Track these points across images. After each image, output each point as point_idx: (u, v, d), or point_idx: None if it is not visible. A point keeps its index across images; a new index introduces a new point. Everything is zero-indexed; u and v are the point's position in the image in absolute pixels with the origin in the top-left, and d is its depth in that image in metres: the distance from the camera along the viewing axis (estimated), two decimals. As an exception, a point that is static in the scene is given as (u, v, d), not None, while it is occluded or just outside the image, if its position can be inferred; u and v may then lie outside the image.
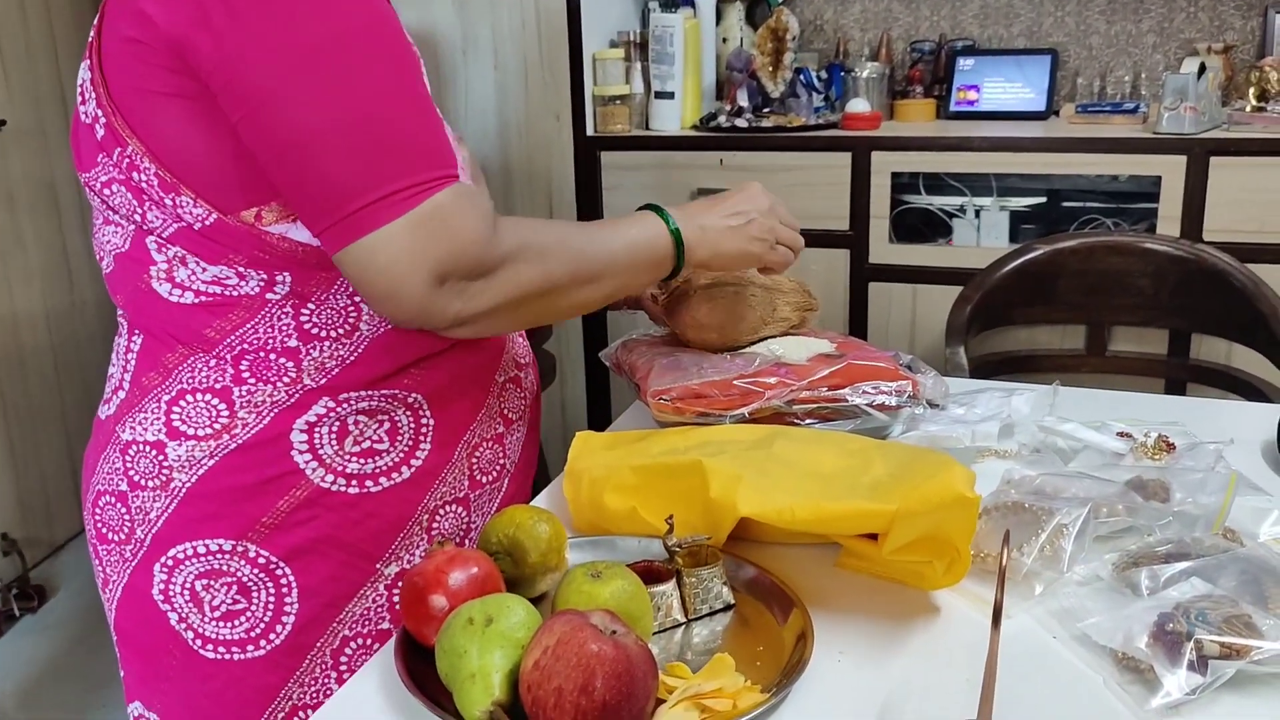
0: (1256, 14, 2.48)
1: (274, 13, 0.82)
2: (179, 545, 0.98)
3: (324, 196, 0.85)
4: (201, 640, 0.99)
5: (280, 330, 0.95)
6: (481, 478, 1.08)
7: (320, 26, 0.83)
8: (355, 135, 0.84)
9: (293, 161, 0.84)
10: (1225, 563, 0.88)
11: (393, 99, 0.86)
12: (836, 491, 0.89)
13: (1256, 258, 2.08)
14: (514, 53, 2.51)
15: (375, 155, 0.84)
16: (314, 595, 0.99)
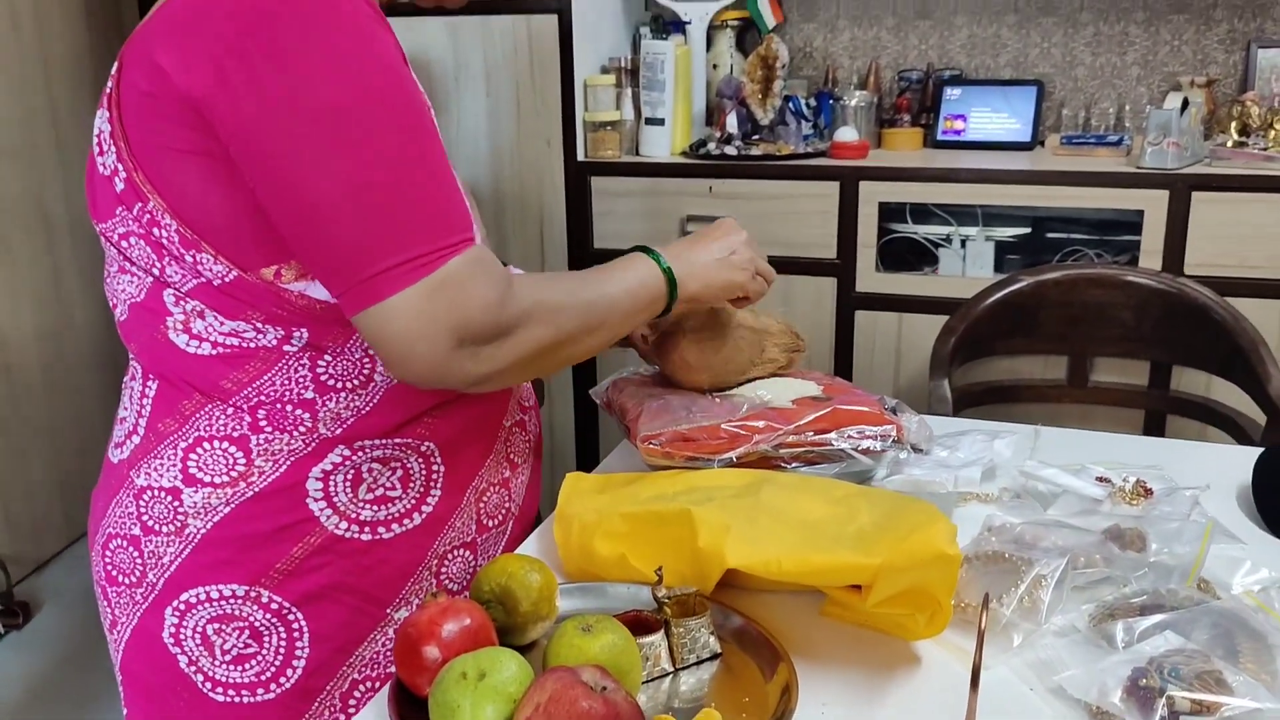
0: (1239, 48, 2.52)
1: (292, 76, 0.83)
2: (192, 590, 0.99)
3: (341, 261, 0.86)
4: (211, 683, 1.01)
5: (297, 382, 0.97)
6: (488, 521, 1.10)
7: (337, 90, 0.84)
8: (372, 201, 0.85)
9: (310, 225, 0.86)
10: (1198, 616, 0.90)
11: (409, 164, 0.87)
12: (822, 542, 0.91)
13: (1236, 292, 2.11)
14: (506, 78, 2.54)
15: (392, 221, 0.85)
16: (325, 640, 1.01)
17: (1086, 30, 2.61)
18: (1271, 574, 1.00)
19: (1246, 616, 0.90)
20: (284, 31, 0.84)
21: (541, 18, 2.46)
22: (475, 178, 2.59)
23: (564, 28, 2.46)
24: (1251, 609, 0.91)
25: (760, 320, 1.29)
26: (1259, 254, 2.14)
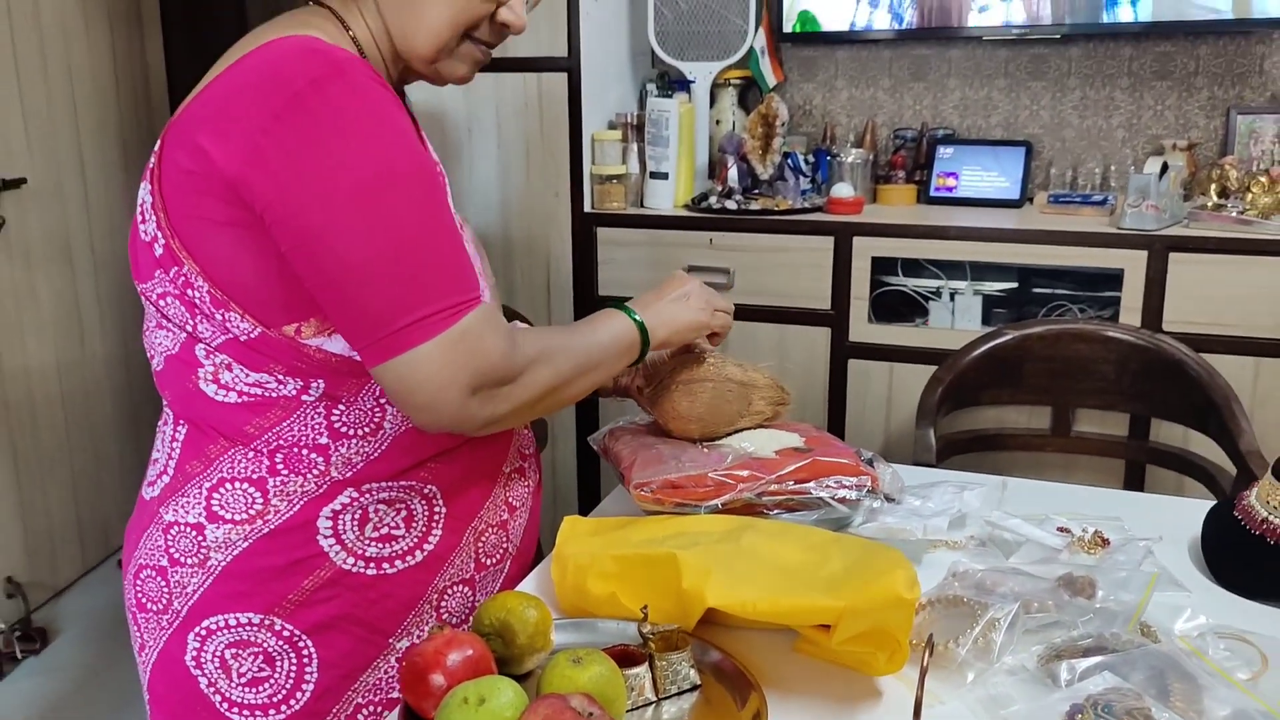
0: (1220, 114, 2.62)
1: (324, 155, 0.94)
2: (212, 617, 1.09)
3: (366, 319, 0.97)
4: (228, 704, 1.10)
5: (313, 429, 1.07)
6: (486, 560, 1.19)
7: (364, 169, 0.95)
8: (395, 266, 0.96)
9: (338, 288, 0.97)
10: (1136, 658, 0.99)
11: (427, 233, 0.98)
12: (795, 585, 1.00)
13: (1211, 348, 2.20)
14: (517, 132, 2.65)
15: (412, 283, 0.96)
16: (332, 666, 1.10)
17: (1074, 94, 2.72)
18: (1209, 621, 1.09)
19: (1180, 660, 0.99)
20: (312, 116, 0.94)
21: (552, 75, 2.57)
22: (486, 226, 2.70)
23: (573, 85, 2.58)
24: (1185, 653, 1.00)
25: (748, 374, 1.38)
26: (1233, 313, 2.24)
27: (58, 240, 2.93)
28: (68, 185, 2.97)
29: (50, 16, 2.87)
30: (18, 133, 2.76)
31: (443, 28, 1.07)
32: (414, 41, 1.08)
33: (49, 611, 2.88)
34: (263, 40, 1.00)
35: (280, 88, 0.95)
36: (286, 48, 0.98)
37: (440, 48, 1.09)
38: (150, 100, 3.33)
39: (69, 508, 3.01)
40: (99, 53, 3.08)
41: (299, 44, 0.98)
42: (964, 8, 2.63)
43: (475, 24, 1.09)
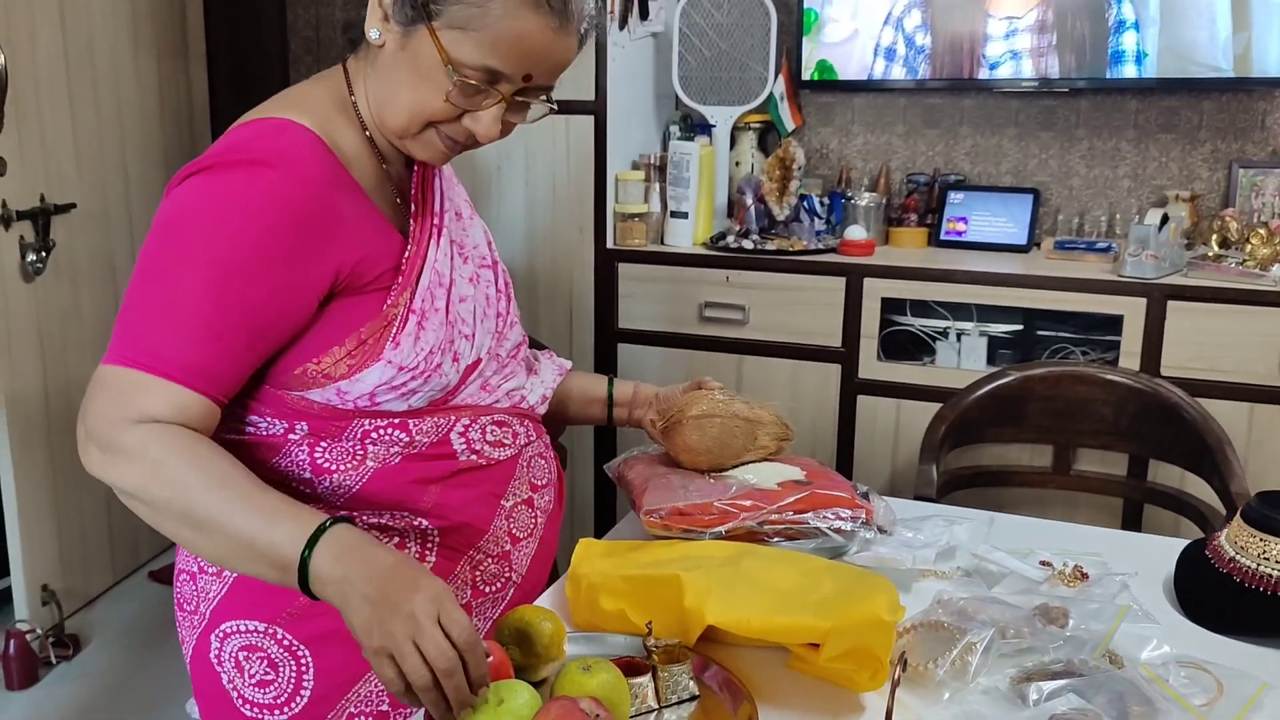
0: (1222, 166, 2.72)
1: (176, 217, 1.09)
2: (228, 621, 1.20)
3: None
4: (242, 700, 1.21)
5: (298, 465, 1.18)
6: (485, 588, 1.27)
7: (168, 220, 1.09)
8: (127, 303, 1.07)
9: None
10: (1101, 682, 1.08)
11: (156, 296, 1.06)
12: (788, 606, 1.10)
13: (1207, 393, 2.28)
14: (544, 170, 2.77)
15: (122, 320, 1.07)
16: (327, 676, 1.19)
17: (1082, 144, 2.82)
18: (1173, 651, 1.17)
19: (1141, 685, 1.08)
20: (193, 180, 1.09)
21: (579, 118, 2.69)
22: (512, 259, 2.81)
23: (599, 127, 2.69)
24: (1146, 680, 1.09)
25: (754, 411, 1.47)
26: (1228, 359, 2.32)
27: (102, 261, 3.06)
28: (113, 209, 3.10)
29: (103, 49, 3.01)
30: (69, 161, 2.89)
31: (405, 111, 1.14)
32: (384, 113, 1.17)
33: (81, 619, 2.98)
34: (256, 115, 1.15)
35: (198, 162, 1.10)
36: (245, 132, 1.13)
37: (402, 130, 1.16)
38: (193, 128, 3.46)
39: (101, 521, 3.11)
40: (146, 83, 3.22)
41: (258, 131, 1.12)
42: (977, 60, 2.74)
43: (439, 120, 1.15)
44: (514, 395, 1.33)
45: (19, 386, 2.72)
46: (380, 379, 1.15)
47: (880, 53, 2.82)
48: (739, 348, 2.69)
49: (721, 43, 2.82)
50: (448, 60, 1.10)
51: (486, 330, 1.29)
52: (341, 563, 0.97)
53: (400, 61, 1.13)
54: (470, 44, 1.09)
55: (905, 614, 1.13)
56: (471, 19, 1.09)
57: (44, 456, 2.85)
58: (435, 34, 1.09)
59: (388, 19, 1.12)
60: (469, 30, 1.09)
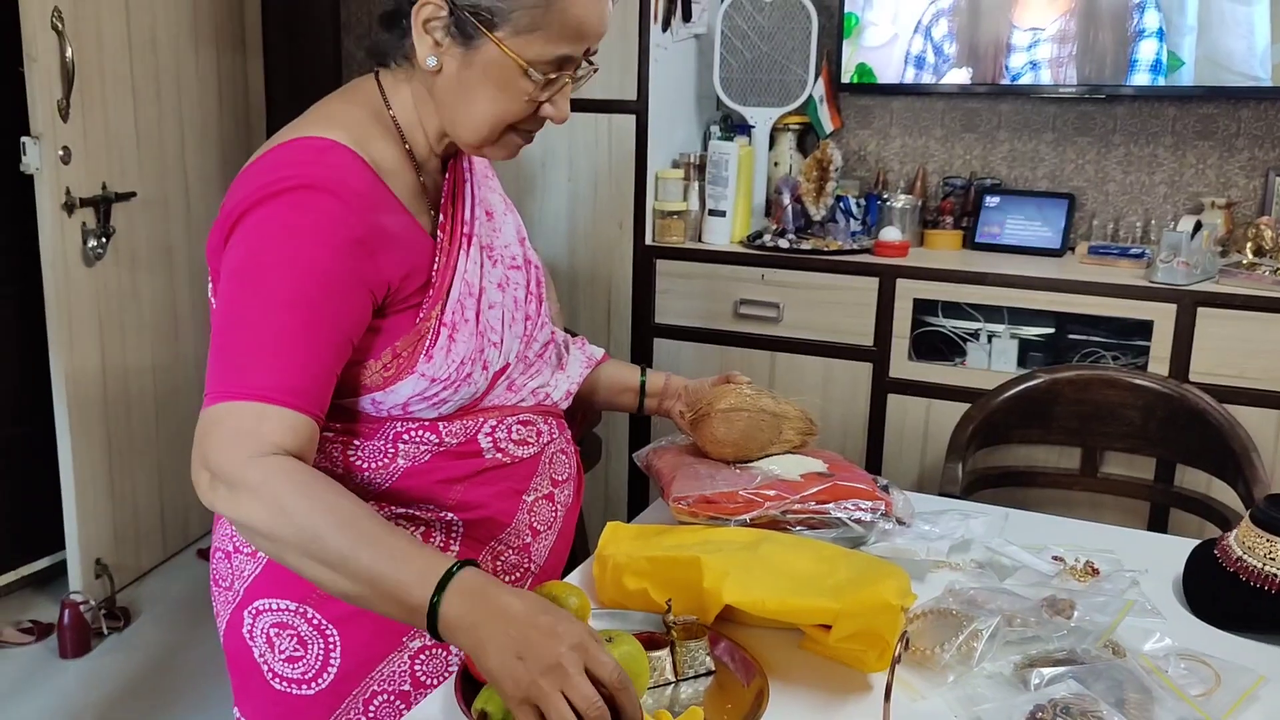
0: (1259, 174, 2.73)
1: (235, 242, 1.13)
2: (261, 599, 1.26)
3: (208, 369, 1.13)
4: (273, 674, 1.26)
5: (332, 461, 1.24)
6: (504, 577, 1.32)
7: (246, 259, 1.11)
8: (219, 341, 1.11)
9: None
10: (1101, 670, 1.13)
11: (256, 329, 1.09)
12: (803, 589, 1.16)
13: (1234, 399, 2.31)
14: (587, 167, 2.84)
15: (220, 359, 1.10)
16: (353, 654, 1.25)
17: (1118, 150, 2.84)
18: (1174, 644, 1.21)
19: (1140, 675, 1.12)
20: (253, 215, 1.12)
21: (622, 117, 2.76)
22: (554, 253, 2.88)
23: (640, 126, 2.76)
24: (1146, 670, 1.14)
25: (780, 406, 1.53)
26: (1256, 367, 2.34)
27: (160, 248, 3.17)
28: (172, 198, 3.21)
29: (165, 42, 3.12)
30: (131, 151, 3.00)
31: (483, 125, 1.18)
32: (459, 129, 1.20)
33: (132, 593, 3.09)
34: (293, 134, 1.17)
35: (256, 191, 1.12)
36: (286, 156, 1.14)
37: (484, 140, 1.19)
38: (249, 118, 3.57)
39: (154, 498, 3.22)
40: (206, 74, 3.33)
41: (298, 154, 1.14)
42: (1015, 65, 2.77)
43: (519, 120, 1.19)
44: (539, 393, 1.36)
45: (78, 366, 2.83)
46: (414, 390, 1.20)
47: (918, 58, 2.85)
48: (772, 345, 2.75)
49: (763, 45, 2.87)
50: (525, 64, 1.13)
51: (514, 335, 1.32)
52: (470, 608, 0.96)
53: (469, 79, 1.16)
54: (541, 41, 1.13)
55: (917, 601, 1.19)
56: (536, 19, 1.12)
57: (100, 434, 2.96)
58: (503, 45, 1.13)
59: (440, 44, 1.15)
60: (536, 30, 1.13)
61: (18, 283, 3.01)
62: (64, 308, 2.77)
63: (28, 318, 2.99)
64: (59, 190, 2.71)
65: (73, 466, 2.85)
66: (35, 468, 3.08)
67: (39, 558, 3.17)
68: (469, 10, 1.12)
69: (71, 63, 2.67)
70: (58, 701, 2.61)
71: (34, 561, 3.16)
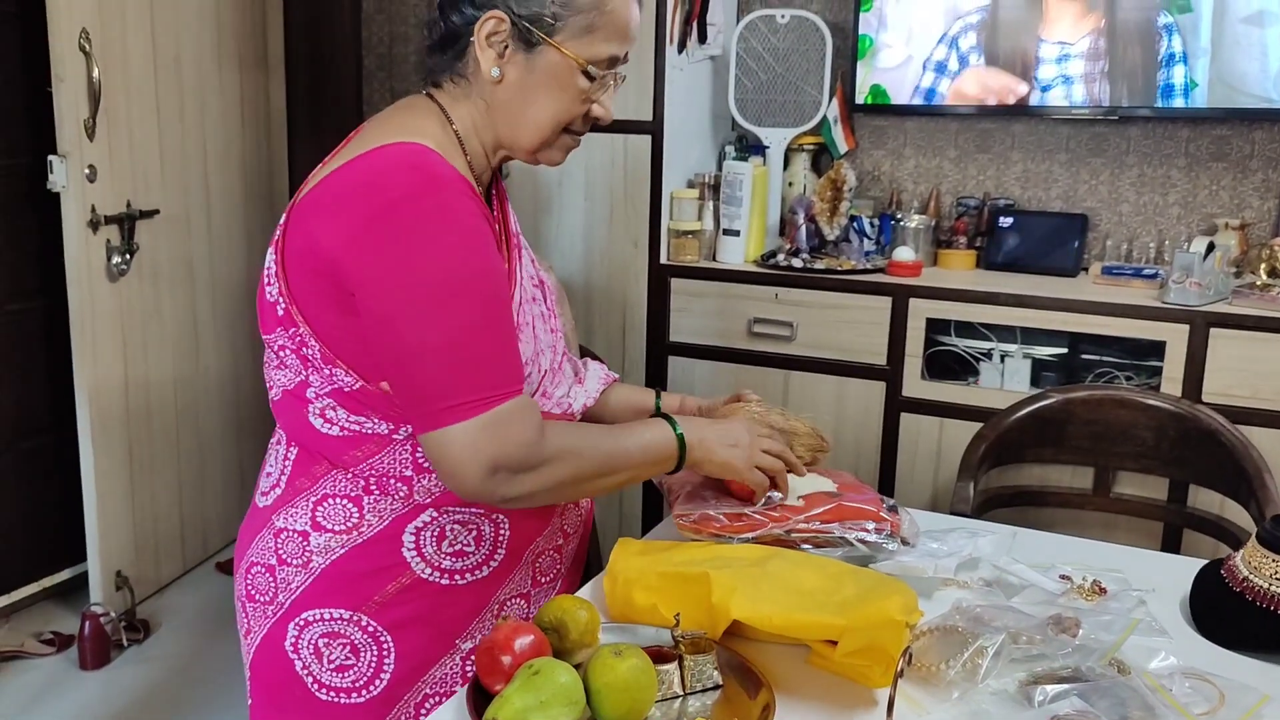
0: (1273, 196, 2.73)
1: (405, 257, 1.14)
2: (310, 610, 1.28)
3: (416, 396, 1.16)
4: (318, 685, 1.29)
5: (399, 463, 1.27)
6: (541, 579, 1.38)
7: (436, 273, 1.14)
8: (445, 356, 1.14)
9: (400, 366, 1.16)
10: (1105, 688, 1.14)
11: (480, 331, 1.16)
12: (809, 605, 1.17)
13: (1248, 420, 2.31)
14: (603, 186, 2.87)
15: (457, 372, 1.14)
16: (407, 659, 1.29)
17: (1132, 171, 2.86)
18: (1179, 663, 1.23)
19: (1144, 693, 1.13)
20: (402, 224, 1.15)
21: (638, 137, 2.79)
22: (570, 271, 2.91)
23: (656, 146, 2.79)
24: (1149, 688, 1.15)
25: (789, 422, 1.55)
26: (1269, 388, 2.34)
27: (182, 264, 3.21)
28: (194, 214, 3.25)
29: (189, 61, 3.17)
30: (155, 168, 3.05)
31: (546, 125, 1.27)
32: (519, 135, 1.29)
33: (152, 605, 3.12)
34: (378, 141, 1.21)
35: (381, 194, 1.16)
36: (394, 157, 1.18)
37: (543, 142, 1.29)
38: (270, 136, 3.62)
39: (174, 511, 3.26)
40: (229, 93, 3.38)
41: (405, 155, 1.18)
42: (1029, 86, 2.78)
43: (573, 120, 1.29)
44: (563, 403, 1.42)
45: (101, 380, 2.87)
46: None
47: (933, 78, 2.88)
48: (786, 363, 2.76)
49: (777, 66, 2.90)
50: (584, 64, 1.25)
51: (546, 344, 1.39)
52: (697, 433, 1.34)
53: (533, 83, 1.26)
54: (598, 42, 1.25)
55: (924, 618, 1.20)
56: (593, 22, 1.24)
57: (122, 448, 2.99)
58: (563, 48, 1.24)
59: (503, 56, 1.25)
60: (593, 31, 1.24)
61: (44, 297, 3.06)
62: (88, 322, 2.81)
63: (53, 331, 3.04)
64: (84, 207, 2.75)
65: (94, 479, 2.89)
66: (58, 480, 3.12)
67: (60, 570, 3.20)
68: (531, 20, 1.23)
69: (98, 83, 2.72)
70: (77, 713, 2.64)
71: (56, 573, 3.19)
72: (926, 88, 2.89)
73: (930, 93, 2.89)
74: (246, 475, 3.58)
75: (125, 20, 2.87)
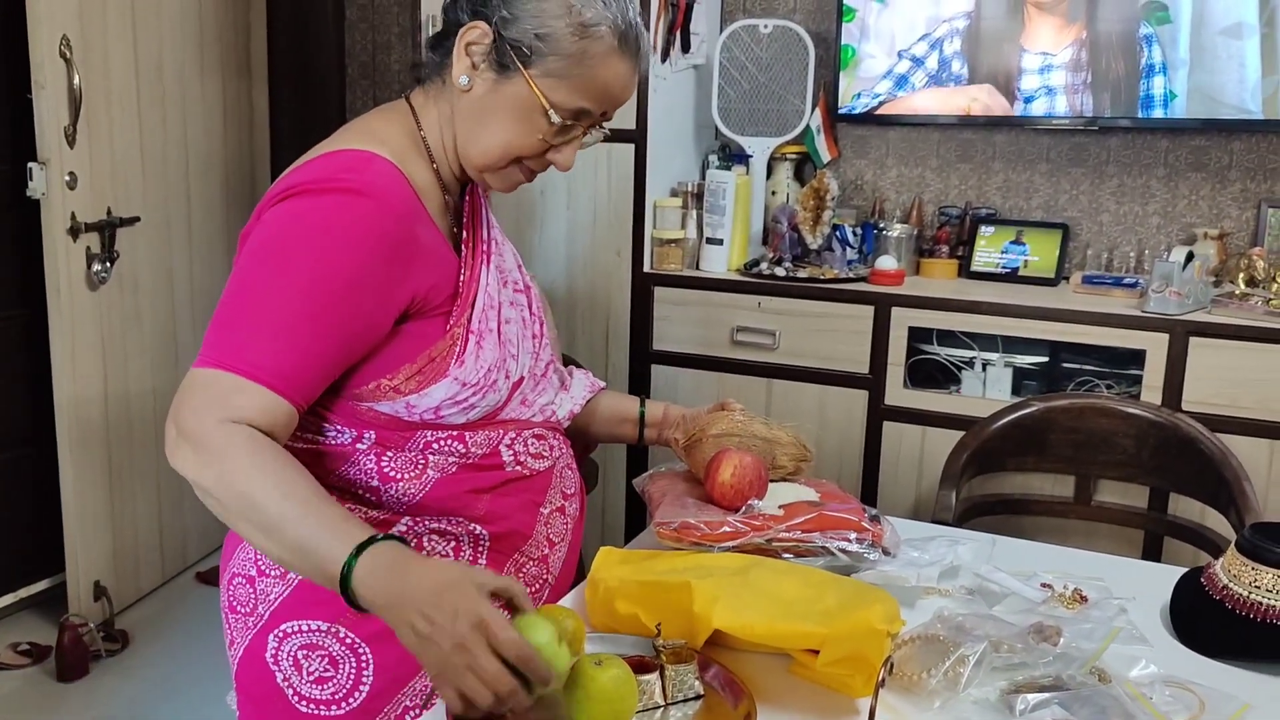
0: (1251, 206, 2.76)
1: (276, 227, 1.17)
2: (289, 621, 1.27)
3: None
4: (298, 697, 1.28)
5: (365, 473, 1.27)
6: (527, 589, 1.35)
7: (268, 240, 1.17)
8: (233, 309, 1.16)
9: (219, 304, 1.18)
10: (1087, 696, 1.14)
11: (259, 307, 1.15)
12: (791, 615, 1.17)
13: (1227, 428, 2.32)
14: (586, 195, 2.87)
15: (229, 326, 1.15)
16: (386, 671, 1.27)
17: (1112, 181, 2.87)
18: (1160, 671, 1.23)
19: (1124, 702, 1.14)
20: (284, 204, 1.18)
21: (621, 146, 2.79)
22: (553, 280, 2.91)
23: (639, 155, 2.79)
24: (1130, 697, 1.15)
25: (773, 432, 1.55)
26: (1249, 396, 2.36)
27: (163, 273, 3.20)
28: (175, 222, 3.24)
29: (171, 69, 3.16)
30: (136, 176, 3.04)
31: (494, 150, 1.26)
32: (469, 151, 1.28)
33: (131, 616, 3.09)
34: (336, 145, 1.23)
35: (293, 185, 1.18)
36: (337, 160, 1.21)
37: (489, 165, 1.28)
38: (253, 144, 3.61)
39: (153, 521, 3.23)
40: (211, 102, 3.37)
41: (347, 161, 1.20)
42: (1011, 97, 2.80)
43: (526, 155, 1.27)
44: (546, 410, 1.42)
45: (80, 390, 2.86)
46: (446, 394, 1.25)
47: (914, 88, 2.89)
48: (769, 372, 2.77)
49: (760, 76, 2.91)
50: (548, 104, 1.22)
51: (526, 350, 1.38)
52: (384, 581, 1.02)
53: (492, 104, 1.24)
54: (566, 89, 1.22)
55: (906, 627, 1.20)
56: (568, 69, 1.22)
57: (101, 458, 2.97)
58: (533, 81, 1.22)
59: (476, 67, 1.24)
60: (565, 78, 1.22)
61: (23, 306, 3.04)
62: (68, 331, 2.79)
63: (32, 340, 3.02)
64: (64, 215, 2.74)
65: (73, 489, 2.87)
66: (36, 489, 3.10)
67: (38, 580, 3.18)
68: (511, 44, 1.21)
69: (79, 89, 2.71)
70: (55, 724, 2.62)
71: (34, 583, 3.17)
72: (908, 97, 2.90)
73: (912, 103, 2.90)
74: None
75: (107, 27, 2.86)
